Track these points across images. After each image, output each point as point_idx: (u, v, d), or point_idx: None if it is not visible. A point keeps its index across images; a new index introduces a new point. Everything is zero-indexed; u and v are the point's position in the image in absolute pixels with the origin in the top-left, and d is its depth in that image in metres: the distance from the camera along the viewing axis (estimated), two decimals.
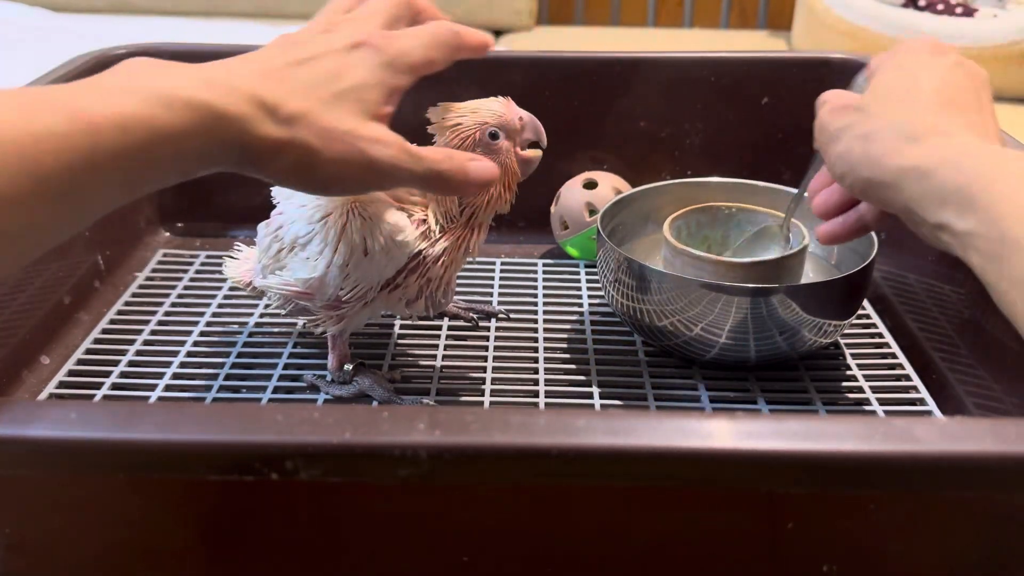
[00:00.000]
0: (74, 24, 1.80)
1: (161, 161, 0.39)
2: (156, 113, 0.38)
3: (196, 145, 0.40)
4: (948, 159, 0.43)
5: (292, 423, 0.34)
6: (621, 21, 2.18)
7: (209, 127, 0.40)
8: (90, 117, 0.37)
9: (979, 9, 1.63)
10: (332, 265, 0.54)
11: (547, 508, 0.40)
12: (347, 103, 0.45)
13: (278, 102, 0.42)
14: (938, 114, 0.45)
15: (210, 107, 0.40)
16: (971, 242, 0.41)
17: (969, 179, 0.42)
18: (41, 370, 0.63)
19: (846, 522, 0.40)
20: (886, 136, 0.45)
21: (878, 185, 0.46)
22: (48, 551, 0.42)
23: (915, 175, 0.44)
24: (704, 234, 0.67)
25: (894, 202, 0.45)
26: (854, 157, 0.47)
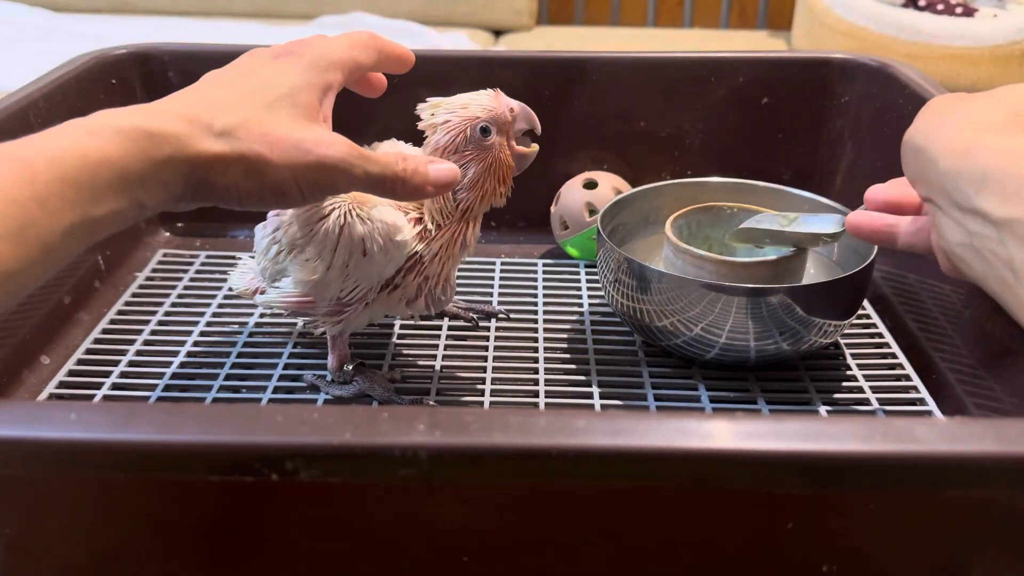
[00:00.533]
0: (74, 24, 1.80)
1: (108, 189, 0.39)
2: (85, 141, 0.39)
3: (139, 169, 0.40)
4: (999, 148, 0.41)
5: (292, 423, 0.34)
6: (621, 21, 2.18)
7: (144, 148, 0.40)
8: (26, 157, 0.37)
9: (979, 9, 1.63)
10: (332, 267, 0.54)
11: (547, 508, 0.40)
12: (283, 109, 0.45)
13: (211, 117, 0.43)
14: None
15: (138, 128, 0.40)
16: (1013, 232, 0.39)
17: (1016, 163, 0.40)
18: (41, 370, 0.63)
19: (846, 522, 0.40)
20: (960, 117, 0.44)
21: (926, 155, 0.44)
22: (48, 551, 0.42)
23: (957, 150, 0.42)
24: (706, 234, 0.67)
25: (930, 178, 0.43)
26: (921, 126, 0.45)
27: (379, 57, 0.51)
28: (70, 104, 0.70)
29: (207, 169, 0.42)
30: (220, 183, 0.43)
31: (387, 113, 0.64)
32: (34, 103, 0.66)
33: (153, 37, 1.07)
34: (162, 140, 0.40)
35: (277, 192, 0.45)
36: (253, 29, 1.80)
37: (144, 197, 0.41)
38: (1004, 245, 0.39)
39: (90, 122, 0.40)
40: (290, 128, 0.44)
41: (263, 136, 0.43)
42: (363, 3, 1.93)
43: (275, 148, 0.43)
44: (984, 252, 0.40)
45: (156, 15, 1.96)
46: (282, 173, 0.44)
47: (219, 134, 0.42)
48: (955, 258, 0.43)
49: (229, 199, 0.44)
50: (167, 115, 0.42)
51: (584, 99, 0.80)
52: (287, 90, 0.45)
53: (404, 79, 0.57)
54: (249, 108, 0.44)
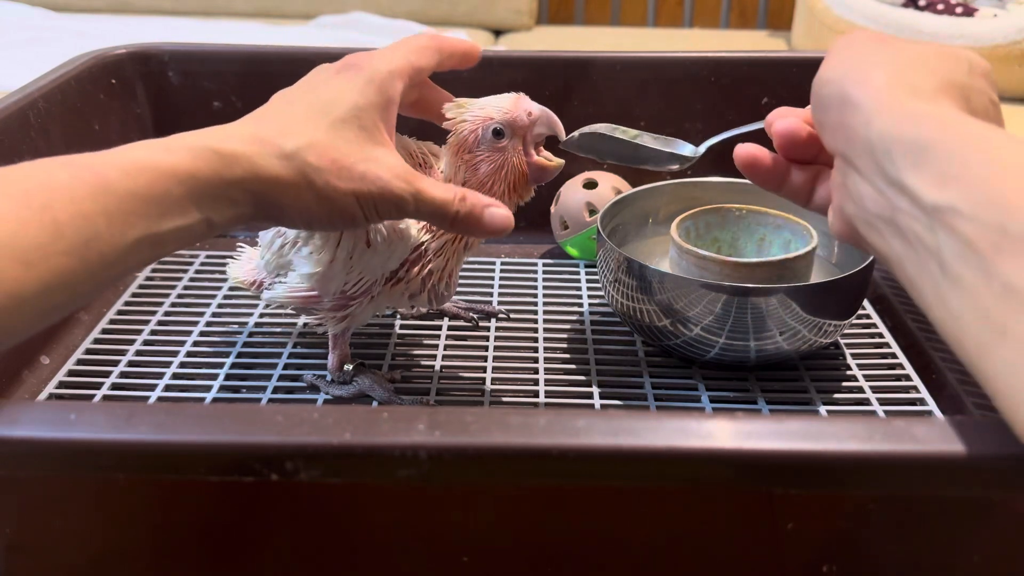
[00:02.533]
0: (74, 24, 1.80)
1: (177, 205, 0.40)
2: (158, 157, 0.39)
3: (209, 188, 0.41)
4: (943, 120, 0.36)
5: (292, 424, 0.34)
6: (621, 21, 2.18)
7: (216, 168, 0.41)
8: (96, 167, 0.38)
9: (979, 9, 1.63)
10: (336, 259, 0.53)
11: (547, 508, 0.40)
12: (348, 130, 0.45)
13: (282, 139, 0.43)
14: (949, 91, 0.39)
15: (211, 148, 0.41)
16: (944, 221, 0.33)
17: (965, 140, 0.35)
18: (41, 370, 0.63)
19: (846, 522, 0.40)
20: (892, 72, 0.40)
21: (852, 107, 0.39)
22: (48, 551, 0.42)
23: (898, 114, 0.37)
24: (714, 235, 0.67)
25: (855, 136, 0.39)
26: (846, 70, 0.41)
27: (441, 57, 0.51)
28: (70, 104, 0.70)
29: (277, 191, 0.43)
30: (290, 205, 0.44)
31: None
32: (34, 103, 0.66)
33: (153, 37, 1.07)
34: (233, 161, 0.41)
35: (346, 216, 0.45)
36: (253, 29, 1.80)
37: (213, 215, 0.41)
38: (933, 233, 0.34)
39: (166, 141, 0.41)
40: (356, 154, 0.45)
41: (332, 162, 0.44)
42: (363, 3, 1.93)
43: (342, 174, 0.44)
44: (906, 233, 0.36)
45: (156, 15, 1.96)
46: (348, 199, 0.45)
47: (288, 156, 0.43)
48: (866, 229, 0.39)
49: (298, 221, 0.45)
50: (238, 136, 0.42)
51: (584, 99, 0.80)
52: (351, 108, 0.46)
53: None
54: (316, 129, 0.44)
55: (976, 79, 0.41)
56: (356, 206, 0.45)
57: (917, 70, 0.40)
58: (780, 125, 0.47)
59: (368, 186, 0.45)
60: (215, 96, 0.80)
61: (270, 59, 0.80)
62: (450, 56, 0.52)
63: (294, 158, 0.43)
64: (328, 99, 0.46)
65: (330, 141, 0.44)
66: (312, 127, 0.44)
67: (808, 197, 0.48)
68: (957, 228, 0.33)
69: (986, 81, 0.42)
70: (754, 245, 0.67)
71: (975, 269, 0.32)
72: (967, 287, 0.32)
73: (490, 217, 0.48)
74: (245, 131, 0.43)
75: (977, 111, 0.40)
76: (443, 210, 0.47)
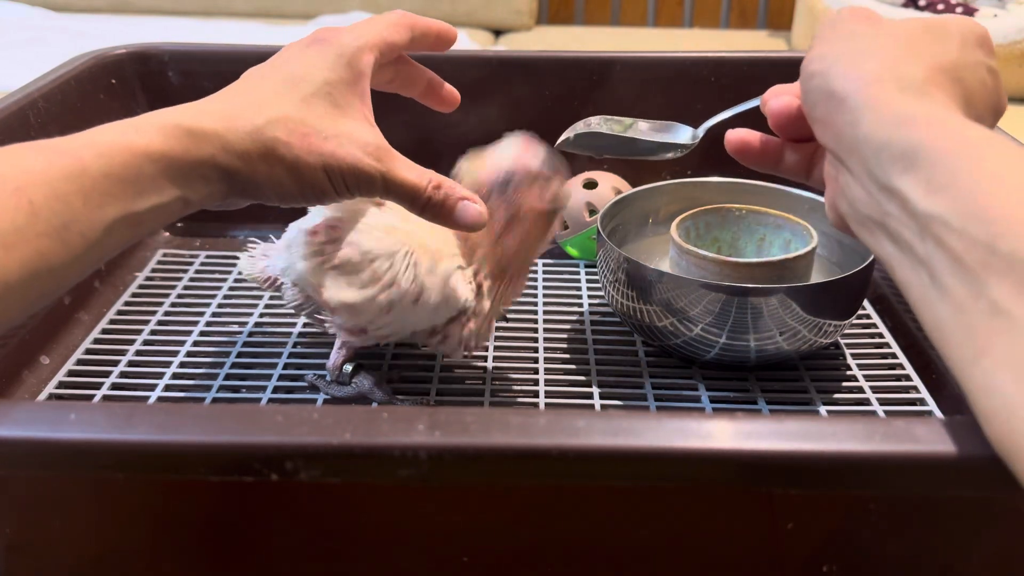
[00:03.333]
0: (74, 24, 1.80)
1: (151, 184, 0.40)
2: (130, 137, 0.40)
3: (181, 166, 0.41)
4: (932, 120, 0.35)
5: (292, 424, 0.34)
6: (621, 21, 2.19)
7: (187, 146, 0.41)
8: (72, 150, 0.38)
9: (979, 9, 1.63)
10: (375, 301, 0.53)
11: (547, 508, 0.40)
12: (319, 104, 0.45)
13: (252, 115, 0.43)
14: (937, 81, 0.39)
15: (181, 126, 0.41)
16: (933, 231, 0.33)
17: (956, 147, 0.34)
18: (41, 370, 0.63)
19: (846, 522, 0.40)
20: (879, 62, 0.39)
21: (838, 103, 0.39)
22: (48, 551, 0.42)
23: (887, 115, 0.36)
24: (714, 235, 0.67)
25: (843, 135, 0.38)
26: (832, 61, 0.40)
27: (413, 34, 0.50)
28: (70, 104, 0.70)
29: (249, 168, 0.43)
30: (263, 181, 0.44)
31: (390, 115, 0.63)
32: (34, 103, 0.66)
33: (153, 37, 1.07)
34: (203, 138, 0.41)
35: (317, 190, 0.45)
36: (253, 29, 1.80)
37: (188, 193, 0.41)
38: (922, 241, 0.34)
39: (136, 121, 0.41)
40: (326, 128, 0.44)
41: (302, 136, 0.44)
42: (363, 3, 1.93)
43: (312, 148, 0.44)
44: (897, 238, 0.36)
45: (156, 15, 1.96)
46: (318, 173, 0.44)
47: (258, 131, 0.43)
48: (858, 227, 0.39)
49: (271, 196, 0.45)
50: (208, 113, 0.42)
51: (584, 99, 0.80)
52: (321, 83, 0.45)
53: None
54: (286, 103, 0.44)
55: (969, 52, 0.40)
56: (326, 181, 0.45)
57: (905, 57, 0.39)
58: (774, 104, 0.47)
59: (337, 161, 0.44)
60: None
61: None
62: (423, 35, 0.51)
63: (263, 133, 0.43)
64: (298, 74, 0.46)
65: (300, 115, 0.44)
66: (282, 102, 0.44)
67: (807, 174, 0.48)
68: (946, 241, 0.32)
69: (981, 50, 0.41)
70: (754, 245, 0.67)
71: (964, 284, 0.32)
72: (955, 300, 0.32)
73: (462, 209, 0.48)
74: (215, 108, 0.43)
75: (974, 90, 0.39)
76: (413, 193, 0.47)
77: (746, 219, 0.67)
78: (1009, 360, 0.30)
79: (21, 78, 0.71)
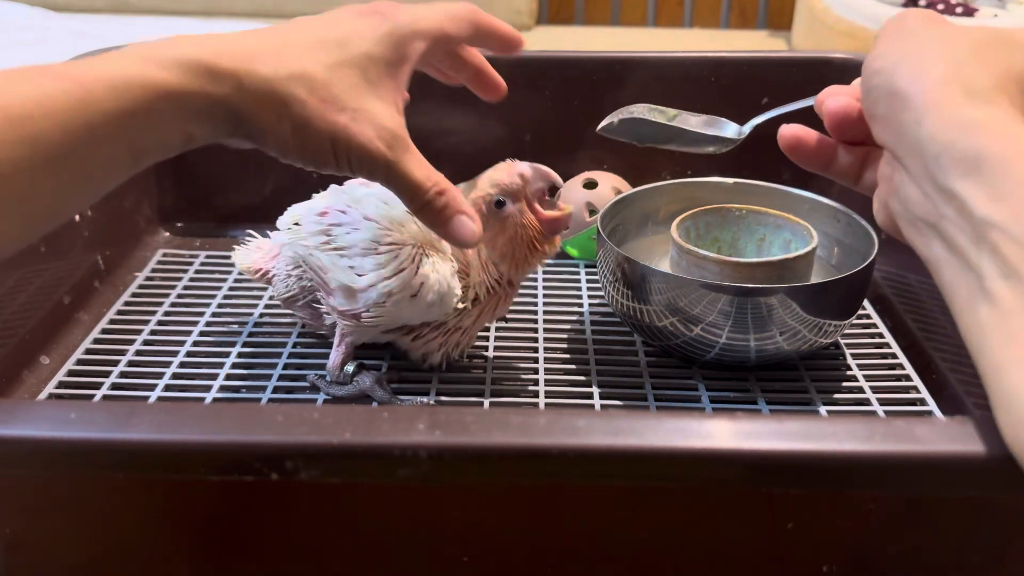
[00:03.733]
0: (74, 24, 1.80)
1: (161, 120, 0.39)
2: (149, 71, 0.38)
3: (194, 104, 0.40)
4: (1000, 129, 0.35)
5: (292, 423, 0.34)
6: (621, 21, 2.18)
7: (203, 85, 0.40)
8: (83, 79, 0.37)
9: (979, 9, 1.63)
10: (376, 289, 0.54)
11: (547, 508, 0.40)
12: (349, 74, 0.44)
13: (277, 61, 0.42)
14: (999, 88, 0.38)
15: (202, 62, 0.40)
16: (989, 238, 0.33)
17: (1019, 157, 0.34)
18: (41, 370, 0.63)
19: (846, 522, 0.40)
20: (945, 66, 0.38)
21: (902, 102, 0.38)
22: (48, 551, 0.42)
23: (952, 118, 0.36)
24: (714, 235, 0.67)
25: (905, 134, 0.38)
26: (897, 60, 0.40)
27: (473, 32, 0.49)
28: None
29: (256, 114, 0.42)
30: (268, 130, 0.42)
31: None
32: None
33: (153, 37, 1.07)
34: (220, 77, 0.40)
35: (319, 158, 0.44)
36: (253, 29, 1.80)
37: (195, 129, 0.41)
38: (977, 246, 0.34)
39: (156, 50, 0.40)
40: (348, 100, 0.43)
41: (320, 100, 0.42)
42: (363, 3, 1.92)
43: (326, 115, 0.42)
44: (949, 240, 0.36)
45: (156, 15, 1.96)
46: (324, 142, 0.43)
47: (276, 81, 0.41)
48: (908, 228, 0.39)
49: (272, 146, 0.44)
50: (233, 52, 0.41)
51: (584, 99, 0.80)
52: (360, 54, 0.44)
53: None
54: (315, 62, 0.43)
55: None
56: (331, 151, 0.44)
57: (972, 64, 0.38)
58: (831, 104, 0.46)
59: (347, 136, 0.43)
60: None
61: None
62: (487, 35, 0.50)
63: (282, 85, 0.42)
64: (340, 38, 0.44)
65: (325, 79, 0.43)
66: (312, 60, 0.43)
67: (857, 179, 0.47)
68: (1002, 248, 0.33)
69: None
70: (754, 245, 0.67)
71: (1014, 291, 0.32)
72: (1001, 306, 0.32)
73: (459, 222, 0.47)
74: (240, 46, 0.42)
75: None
76: (413, 191, 0.46)
77: (746, 219, 0.67)
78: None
79: None
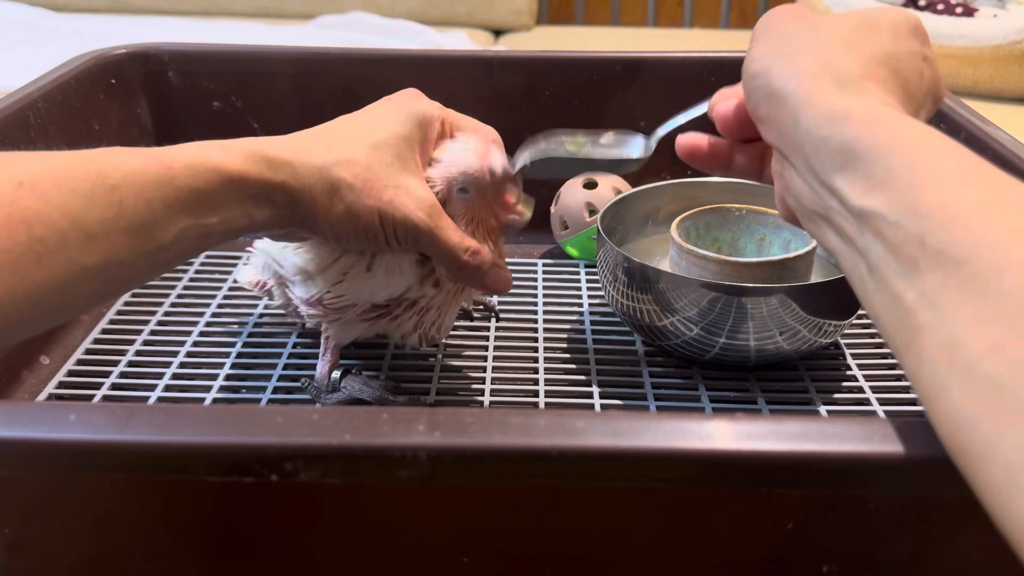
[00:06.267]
0: (74, 24, 1.80)
1: (226, 201, 0.44)
2: (217, 157, 0.43)
3: (255, 188, 0.44)
4: (868, 117, 0.36)
5: (292, 424, 0.34)
6: (621, 21, 2.18)
7: (263, 171, 0.44)
8: (166, 160, 0.42)
9: (979, 9, 1.63)
10: (331, 268, 0.54)
11: (547, 508, 0.40)
12: (385, 154, 0.48)
13: (324, 153, 0.47)
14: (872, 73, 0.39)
15: (262, 153, 0.45)
16: (871, 225, 0.34)
17: (892, 144, 0.34)
18: (41, 370, 0.63)
19: (846, 522, 0.40)
20: (814, 59, 0.39)
21: (779, 101, 0.39)
22: (48, 551, 0.42)
23: (824, 112, 0.37)
24: (714, 235, 0.67)
25: (786, 133, 0.39)
26: (771, 60, 0.41)
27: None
28: (70, 104, 0.70)
29: (310, 199, 0.46)
30: (321, 214, 0.47)
31: None
32: (34, 103, 0.66)
33: (153, 37, 1.07)
34: (278, 166, 0.45)
35: (369, 233, 0.48)
36: (253, 29, 1.80)
37: (255, 212, 0.45)
38: (861, 234, 0.35)
39: (223, 144, 0.45)
40: (388, 178, 0.48)
41: (364, 181, 0.47)
42: (363, 3, 1.93)
43: (371, 194, 0.47)
44: (839, 230, 0.37)
45: (156, 15, 1.96)
46: (372, 218, 0.48)
47: (324, 168, 0.46)
48: (805, 220, 0.40)
49: (326, 231, 0.48)
50: (285, 146, 0.46)
51: (584, 99, 0.80)
52: (391, 135, 0.49)
53: (406, 80, 0.57)
54: (354, 148, 0.48)
55: (902, 43, 0.41)
56: (379, 225, 0.48)
57: (840, 53, 0.39)
58: (720, 108, 0.48)
59: (393, 209, 0.48)
60: (215, 96, 0.80)
61: (270, 59, 0.80)
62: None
63: (330, 171, 0.46)
64: (372, 123, 0.50)
65: (366, 161, 0.47)
66: (351, 146, 0.48)
67: (759, 174, 0.49)
68: (883, 233, 0.33)
69: (915, 39, 0.42)
70: (754, 245, 0.67)
71: (898, 276, 0.33)
72: (889, 290, 0.33)
73: (494, 277, 0.53)
74: (293, 142, 0.47)
75: (909, 78, 0.40)
76: (453, 255, 0.51)
77: (746, 219, 0.67)
78: (932, 349, 0.31)
79: (21, 78, 0.71)
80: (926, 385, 0.31)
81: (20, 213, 0.37)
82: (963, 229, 0.31)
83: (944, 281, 0.31)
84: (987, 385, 0.28)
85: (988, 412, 0.28)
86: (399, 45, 1.63)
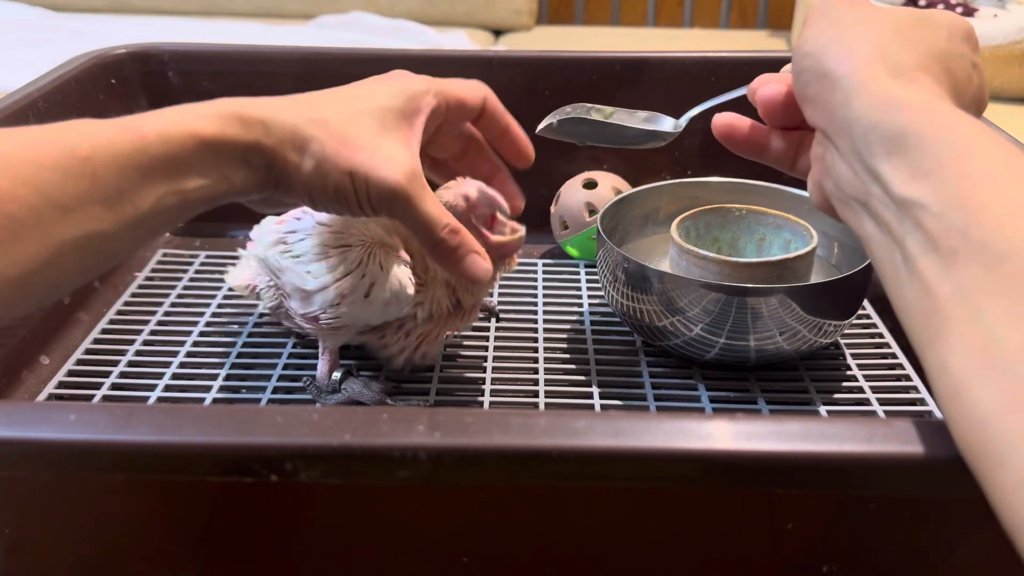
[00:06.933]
0: (74, 24, 1.80)
1: (203, 166, 0.43)
2: (191, 121, 0.42)
3: (229, 149, 0.43)
4: (922, 107, 0.36)
5: (292, 425, 0.34)
6: (621, 21, 2.18)
7: (237, 131, 0.43)
8: (137, 128, 0.41)
9: (979, 9, 1.63)
10: (328, 290, 0.54)
11: (547, 508, 0.40)
12: (366, 119, 0.47)
13: (300, 113, 0.45)
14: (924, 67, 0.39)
15: (235, 113, 0.44)
16: (912, 214, 0.34)
17: (943, 134, 0.34)
18: (41, 370, 0.63)
19: (846, 522, 0.40)
20: (871, 46, 0.39)
21: (831, 83, 0.39)
22: (48, 551, 0.42)
23: (878, 97, 0.37)
24: (714, 235, 0.67)
25: (835, 114, 0.39)
26: (826, 42, 0.41)
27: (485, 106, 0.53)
28: (70, 104, 0.70)
29: (282, 157, 0.45)
30: (293, 172, 0.45)
31: None
32: (34, 103, 0.66)
33: (153, 37, 1.07)
34: (251, 124, 0.44)
35: (340, 195, 0.46)
36: (253, 29, 1.80)
37: (232, 175, 0.44)
38: (901, 223, 0.35)
39: (200, 107, 0.44)
40: (365, 139, 0.46)
41: (338, 141, 0.45)
42: (363, 3, 1.93)
43: (342, 152, 0.45)
44: (878, 218, 0.36)
45: (156, 15, 1.96)
46: (344, 177, 0.45)
47: (298, 126, 0.45)
48: (841, 206, 0.40)
49: (301, 191, 0.46)
50: (260, 105, 0.45)
51: (584, 99, 0.79)
52: (375, 105, 0.48)
53: None
54: (333, 112, 0.46)
55: (956, 44, 0.41)
56: (351, 187, 0.46)
57: (897, 44, 0.40)
58: (764, 92, 0.47)
59: (366, 169, 0.45)
60: (215, 96, 0.79)
61: (270, 59, 0.80)
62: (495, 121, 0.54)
63: (301, 127, 0.45)
64: (358, 94, 0.48)
65: (343, 124, 0.46)
66: (329, 110, 0.46)
67: (792, 163, 0.49)
68: (923, 223, 0.33)
69: (967, 45, 0.42)
70: (754, 245, 0.67)
71: (934, 266, 0.32)
72: (923, 281, 0.33)
73: (472, 261, 0.50)
74: (267, 102, 0.46)
75: (960, 79, 0.40)
76: (429, 228, 0.48)
77: (746, 219, 0.67)
78: (963, 344, 0.30)
79: (21, 78, 0.71)
80: (949, 380, 0.31)
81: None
82: (1009, 225, 0.31)
83: (984, 276, 0.30)
84: (1018, 384, 0.28)
85: (1014, 410, 0.28)
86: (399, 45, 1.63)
